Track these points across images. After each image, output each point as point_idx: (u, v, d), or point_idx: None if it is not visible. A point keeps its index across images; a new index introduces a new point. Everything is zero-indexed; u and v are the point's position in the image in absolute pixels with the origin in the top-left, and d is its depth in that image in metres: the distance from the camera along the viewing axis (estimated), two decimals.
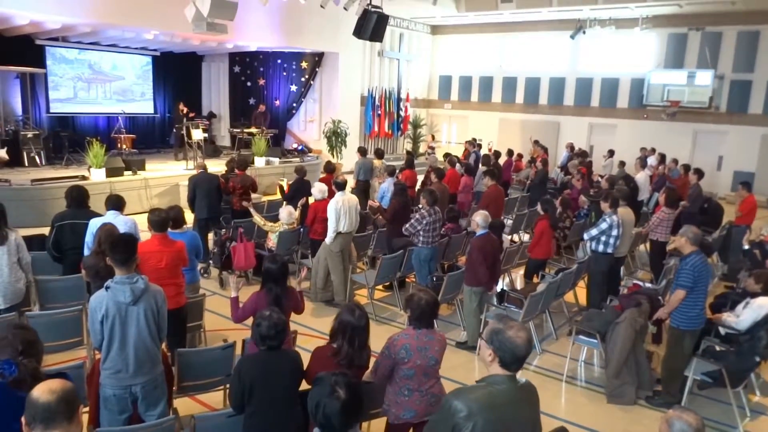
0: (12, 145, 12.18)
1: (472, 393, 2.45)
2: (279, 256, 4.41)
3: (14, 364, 2.70)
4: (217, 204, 8.45)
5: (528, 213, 10.33)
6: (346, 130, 16.56)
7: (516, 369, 2.47)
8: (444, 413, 2.43)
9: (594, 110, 18.48)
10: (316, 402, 2.23)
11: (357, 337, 3.46)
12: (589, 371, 6.01)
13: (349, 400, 2.21)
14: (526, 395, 2.55)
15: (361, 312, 3.54)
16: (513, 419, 2.44)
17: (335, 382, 2.25)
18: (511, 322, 2.51)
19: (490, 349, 2.45)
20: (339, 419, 2.18)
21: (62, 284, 5.58)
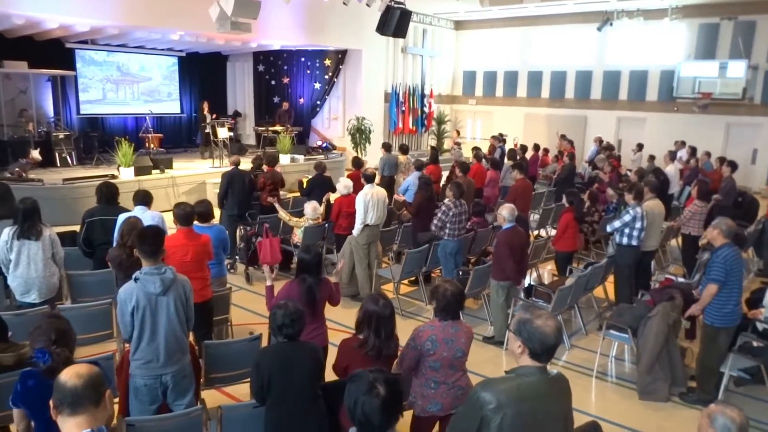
0: (45, 146, 12.46)
1: (500, 384, 2.38)
2: (313, 247, 4.43)
3: (48, 353, 2.75)
4: (248, 200, 8.51)
5: (555, 208, 10.17)
6: (370, 127, 16.55)
7: (547, 360, 2.40)
8: (471, 405, 2.38)
9: (622, 104, 18.13)
10: (354, 400, 2.13)
11: (383, 326, 3.43)
12: (619, 367, 5.88)
13: (389, 397, 2.11)
14: (557, 388, 2.48)
15: (385, 301, 3.51)
16: (544, 412, 2.37)
17: (374, 379, 2.15)
18: (538, 311, 2.43)
19: (519, 341, 2.38)
20: (379, 417, 2.09)
21: (93, 279, 5.67)
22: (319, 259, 4.28)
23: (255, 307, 6.88)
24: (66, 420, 1.94)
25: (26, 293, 5.02)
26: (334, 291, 4.41)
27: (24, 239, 4.94)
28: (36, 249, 4.99)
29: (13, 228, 4.97)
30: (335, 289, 4.46)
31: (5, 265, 5.03)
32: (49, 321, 2.96)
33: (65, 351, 2.79)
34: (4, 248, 4.95)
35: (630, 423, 4.80)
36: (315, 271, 4.21)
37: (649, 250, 7.09)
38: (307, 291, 4.09)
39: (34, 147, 12.00)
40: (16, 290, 5.04)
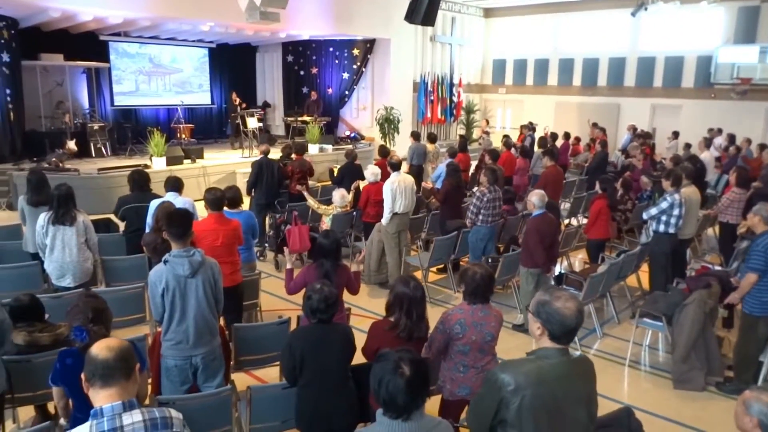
0: (80, 137, 12.72)
1: (520, 366, 2.33)
2: (332, 232, 4.43)
3: (85, 331, 2.82)
4: (277, 189, 8.57)
5: (586, 196, 9.98)
6: (398, 116, 16.48)
7: (567, 342, 2.34)
8: (490, 387, 2.34)
9: (657, 91, 17.66)
10: (379, 379, 2.11)
11: (414, 308, 3.40)
12: (653, 356, 5.76)
13: (414, 377, 2.09)
14: (579, 370, 2.41)
15: (416, 283, 3.48)
16: (564, 394, 2.30)
17: (399, 358, 2.13)
18: (558, 292, 2.35)
19: (538, 322, 2.33)
20: (404, 397, 2.07)
21: (126, 263, 5.79)
22: (338, 245, 4.27)
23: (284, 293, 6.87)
24: (97, 392, 1.97)
25: (61, 277, 5.14)
26: (351, 278, 4.40)
27: (59, 225, 5.06)
28: (70, 234, 5.10)
29: (49, 213, 5.10)
30: (354, 277, 4.44)
31: (42, 249, 5.17)
32: (86, 300, 3.03)
33: (102, 329, 2.85)
34: (41, 233, 5.09)
35: (664, 412, 4.69)
36: (333, 257, 4.22)
37: (685, 238, 6.91)
38: (324, 276, 4.09)
39: (70, 138, 12.28)
40: (52, 274, 5.18)
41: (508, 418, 2.26)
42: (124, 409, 1.95)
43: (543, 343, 2.35)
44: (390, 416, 2.12)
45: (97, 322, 2.89)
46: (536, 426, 2.24)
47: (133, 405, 1.98)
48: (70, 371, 2.90)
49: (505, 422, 2.27)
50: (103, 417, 1.92)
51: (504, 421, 2.28)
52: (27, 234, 5.81)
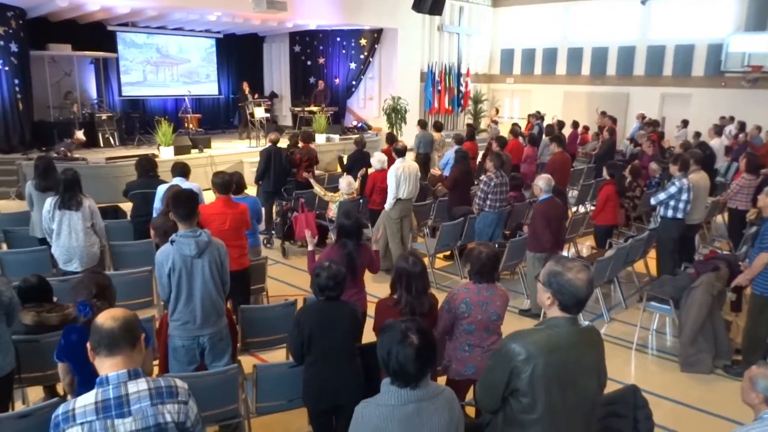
0: (88, 127, 12.77)
1: (530, 336, 2.33)
2: (353, 213, 4.43)
3: (89, 306, 2.84)
4: (285, 177, 8.58)
5: (594, 184, 9.92)
6: (405, 106, 16.41)
7: (577, 312, 2.34)
8: (501, 357, 2.34)
9: (666, 79, 17.48)
10: (387, 350, 2.12)
11: (414, 283, 3.40)
12: (660, 340, 5.75)
13: (423, 345, 2.11)
14: (588, 338, 2.42)
15: (415, 259, 3.48)
16: (575, 363, 2.31)
17: (406, 328, 2.15)
18: (569, 263, 2.34)
19: (549, 293, 2.32)
20: (414, 366, 2.09)
21: (134, 249, 5.82)
22: (359, 225, 4.29)
23: (290, 280, 6.96)
24: (103, 361, 1.98)
25: (68, 262, 5.18)
26: (373, 258, 4.41)
27: (65, 209, 5.10)
28: (76, 219, 5.14)
29: (55, 198, 5.13)
30: (375, 257, 4.46)
31: (49, 234, 5.21)
32: (90, 276, 3.05)
33: (105, 305, 2.86)
34: (47, 218, 5.13)
35: (671, 394, 4.68)
36: (355, 237, 4.21)
37: (693, 223, 6.85)
38: (347, 256, 4.09)
39: (78, 128, 12.33)
40: (59, 259, 5.22)
41: (520, 387, 2.26)
42: (130, 378, 1.96)
43: (552, 313, 2.35)
44: (399, 385, 2.14)
45: (101, 298, 2.91)
46: (548, 394, 2.25)
47: (138, 374, 2.00)
48: (75, 347, 2.93)
49: (517, 391, 2.28)
50: (108, 385, 1.94)
51: (516, 391, 2.28)
52: (34, 219, 5.86)
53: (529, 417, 2.29)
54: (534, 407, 2.27)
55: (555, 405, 2.28)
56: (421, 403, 2.15)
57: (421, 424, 2.14)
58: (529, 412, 2.29)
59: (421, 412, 2.15)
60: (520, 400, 2.30)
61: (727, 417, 4.38)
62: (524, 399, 2.28)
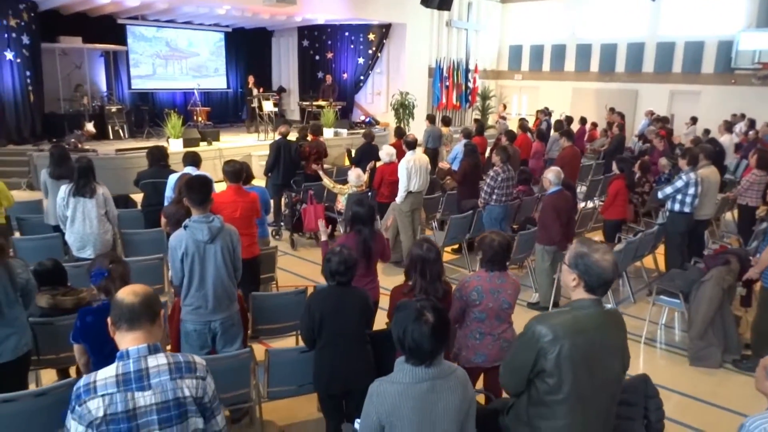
0: (98, 119, 12.86)
1: (556, 318, 2.37)
2: (366, 199, 4.44)
3: (105, 270, 2.94)
4: (294, 169, 8.60)
5: (603, 179, 9.90)
6: (413, 102, 16.41)
7: (602, 293, 2.37)
8: (527, 339, 2.36)
9: (676, 76, 17.40)
10: (403, 328, 2.16)
11: (428, 269, 3.41)
12: (669, 334, 5.74)
13: (438, 323, 2.15)
14: (613, 320, 2.45)
15: (429, 245, 3.50)
16: (601, 344, 2.34)
17: (421, 306, 2.19)
18: (595, 244, 2.37)
19: (574, 274, 2.34)
20: (429, 343, 2.12)
21: (145, 237, 5.88)
22: (373, 212, 4.29)
23: (299, 271, 6.99)
24: (124, 335, 2.01)
25: (82, 249, 5.23)
26: (386, 246, 4.44)
27: (79, 197, 5.15)
28: (90, 206, 5.19)
29: (70, 186, 5.18)
30: (387, 245, 4.47)
31: (63, 221, 5.26)
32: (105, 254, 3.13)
33: (120, 267, 2.94)
34: (62, 205, 5.18)
35: (680, 387, 4.68)
36: (369, 224, 4.23)
37: (702, 219, 6.83)
38: (363, 243, 4.10)
39: (88, 120, 12.41)
40: (73, 246, 5.27)
41: (546, 368, 2.29)
42: (150, 352, 1.99)
43: (577, 295, 2.37)
44: (413, 363, 2.17)
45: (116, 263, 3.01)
46: (574, 374, 2.28)
47: (158, 349, 2.03)
48: (91, 328, 2.98)
49: (543, 372, 2.31)
50: (129, 359, 1.96)
51: (542, 372, 2.31)
52: (49, 207, 5.91)
53: (555, 398, 2.33)
54: (560, 388, 2.30)
55: (581, 385, 2.31)
56: (435, 381, 2.19)
57: (434, 401, 2.18)
58: (555, 392, 2.32)
59: (435, 389, 2.18)
60: (546, 381, 2.33)
61: (736, 410, 4.38)
62: (550, 380, 2.31)
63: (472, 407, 2.32)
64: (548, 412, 2.37)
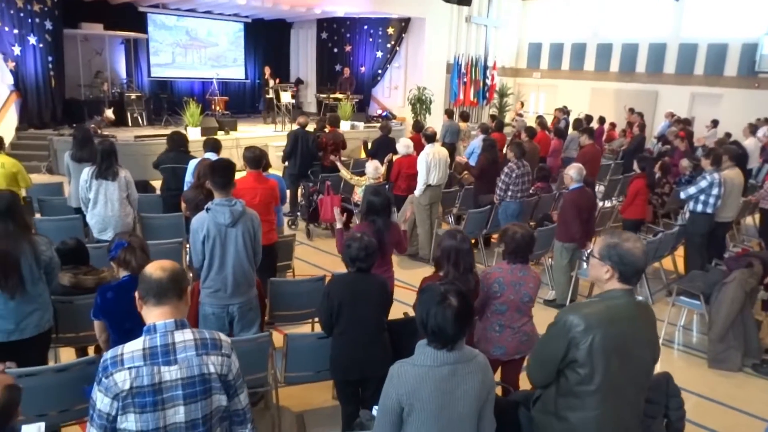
0: (118, 106, 12.97)
1: (587, 308, 2.36)
2: (382, 189, 4.41)
3: (125, 241, 3.03)
4: (311, 160, 8.60)
5: (622, 179, 9.80)
6: (430, 97, 16.35)
7: (635, 282, 2.37)
8: (558, 329, 2.34)
9: (697, 78, 17.16)
10: (426, 311, 2.15)
11: (462, 260, 3.39)
12: (687, 336, 5.67)
13: (462, 307, 2.14)
14: (644, 311, 2.44)
15: (462, 235, 3.47)
16: (632, 335, 2.33)
17: (445, 290, 2.17)
18: (625, 234, 2.38)
19: (607, 266, 2.33)
20: (452, 327, 2.11)
21: (164, 221, 5.91)
22: (388, 202, 4.26)
23: (315, 260, 6.99)
24: (151, 310, 2.01)
25: (103, 231, 5.27)
26: (401, 237, 4.40)
27: (101, 179, 5.18)
28: (112, 189, 5.22)
29: (92, 168, 5.22)
30: (403, 236, 4.44)
31: (85, 203, 5.30)
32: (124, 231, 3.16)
33: (140, 238, 3.02)
34: (84, 187, 5.21)
35: (698, 389, 4.62)
36: (384, 214, 4.20)
37: (724, 221, 6.74)
38: (377, 233, 4.08)
39: (108, 107, 12.51)
40: (94, 228, 5.31)
41: (578, 358, 2.27)
42: (176, 327, 1.99)
43: (610, 285, 2.36)
44: (435, 346, 2.16)
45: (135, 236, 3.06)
46: (607, 365, 2.26)
47: (185, 324, 2.02)
48: (110, 304, 3.00)
49: (575, 362, 2.29)
50: (156, 333, 1.96)
51: (574, 362, 2.30)
52: (71, 189, 5.96)
53: (587, 388, 2.31)
54: (592, 378, 2.29)
55: (613, 376, 2.30)
56: (456, 365, 2.17)
57: (455, 386, 2.16)
58: (586, 383, 2.30)
59: (456, 374, 2.17)
60: (578, 372, 2.31)
61: (755, 415, 4.33)
62: (582, 370, 2.30)
63: (491, 393, 2.31)
64: (578, 403, 2.35)
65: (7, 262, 3.15)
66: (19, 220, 3.26)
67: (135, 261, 3.02)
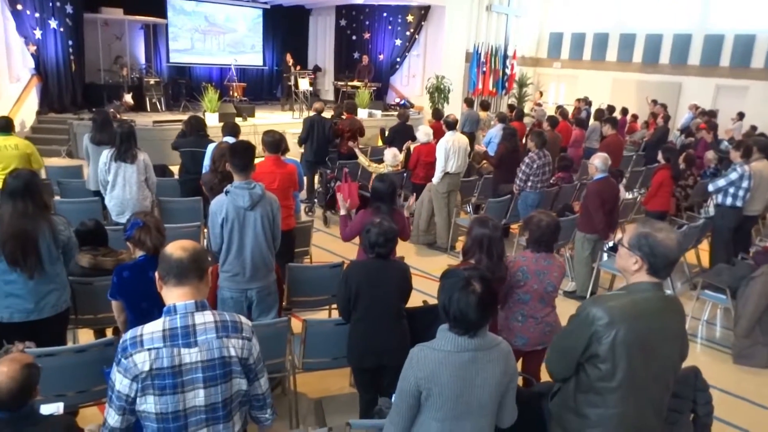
0: (137, 91, 13.01)
1: (612, 300, 2.23)
2: (387, 176, 4.35)
3: (141, 220, 3.01)
4: (326, 147, 8.54)
5: (645, 171, 9.61)
6: (449, 86, 16.17)
7: (666, 275, 2.23)
8: (580, 321, 2.23)
9: (723, 70, 16.78)
10: (449, 296, 2.09)
11: (494, 247, 3.30)
12: (710, 331, 5.56)
13: (485, 293, 2.07)
14: (673, 306, 2.31)
15: (495, 223, 3.39)
16: (660, 331, 2.20)
17: (469, 275, 2.11)
18: (658, 224, 2.24)
19: (636, 256, 2.19)
20: (475, 313, 2.05)
21: (182, 205, 5.90)
22: (394, 189, 4.20)
23: (332, 248, 6.95)
24: (171, 290, 1.96)
25: (121, 214, 5.26)
26: (405, 224, 4.34)
27: (120, 161, 5.17)
28: (131, 172, 5.21)
29: (111, 150, 5.21)
30: (406, 223, 4.38)
31: (104, 186, 5.29)
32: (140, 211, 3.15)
33: (155, 218, 3.00)
34: (103, 169, 5.21)
35: (723, 385, 4.50)
36: (389, 201, 4.14)
37: (752, 215, 6.56)
38: None
39: (127, 91, 12.55)
40: (112, 210, 5.31)
41: (600, 353, 2.17)
42: (197, 309, 1.95)
43: (637, 278, 2.22)
44: (457, 332, 2.11)
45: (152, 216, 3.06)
46: (630, 361, 2.15)
47: (205, 306, 1.98)
48: (127, 284, 2.98)
49: (596, 357, 2.19)
50: (176, 314, 1.92)
51: (595, 357, 2.19)
52: (90, 172, 5.96)
53: (608, 385, 2.20)
54: (613, 375, 2.18)
55: (636, 373, 2.19)
56: (477, 352, 2.12)
57: (475, 372, 2.11)
58: (607, 380, 2.20)
59: (477, 361, 2.11)
60: (599, 367, 2.21)
61: None
62: (603, 366, 2.19)
63: (513, 382, 2.25)
64: (599, 400, 2.25)
65: (26, 241, 3.14)
66: (37, 200, 3.24)
67: (150, 241, 2.99)
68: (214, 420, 1.95)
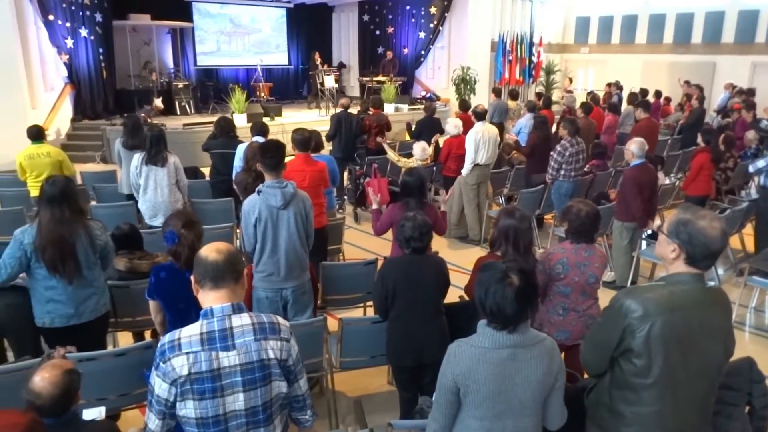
0: (166, 95, 13.20)
1: (648, 292, 2.10)
2: (416, 170, 4.29)
3: (176, 234, 2.90)
4: (354, 143, 8.50)
5: (681, 155, 9.33)
6: (475, 77, 15.97)
7: (706, 266, 2.09)
8: (613, 313, 2.12)
9: (759, 47, 16.16)
10: (486, 289, 2.00)
11: (521, 239, 3.20)
12: (759, 318, 5.35)
13: (524, 286, 1.97)
14: (715, 298, 2.15)
15: (522, 213, 3.28)
16: (699, 324, 2.05)
17: (507, 268, 2.01)
18: (701, 211, 2.09)
19: (675, 244, 2.05)
20: (513, 307, 1.95)
21: (213, 207, 5.94)
22: (423, 182, 4.14)
23: (364, 245, 6.92)
24: (207, 293, 1.94)
25: (154, 217, 5.32)
26: (438, 217, 4.26)
27: (151, 165, 5.22)
28: (162, 175, 5.25)
29: (142, 154, 5.26)
30: (441, 217, 4.30)
31: (136, 189, 5.36)
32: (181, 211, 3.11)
33: (191, 234, 2.92)
34: (135, 173, 5.27)
35: None
36: (418, 194, 4.08)
37: None
38: None
39: (157, 96, 12.73)
40: (145, 214, 5.37)
41: (634, 347, 2.05)
42: (234, 311, 1.92)
43: (676, 268, 2.09)
44: (495, 327, 2.02)
45: (188, 228, 2.95)
46: (666, 356, 2.03)
47: (242, 308, 1.95)
48: (164, 284, 2.98)
49: (631, 351, 2.07)
50: (213, 317, 1.90)
51: (629, 351, 2.08)
52: (122, 176, 6.04)
53: (643, 381, 2.09)
54: (649, 371, 2.06)
55: (673, 370, 2.06)
56: (517, 349, 2.02)
57: (514, 370, 2.01)
58: (643, 375, 2.08)
59: (516, 358, 2.01)
60: (634, 362, 2.09)
61: None
62: (638, 361, 2.08)
63: (559, 381, 2.12)
64: (634, 397, 2.13)
65: (63, 247, 3.17)
66: (73, 206, 3.27)
67: (184, 257, 2.96)
68: (255, 424, 1.93)
